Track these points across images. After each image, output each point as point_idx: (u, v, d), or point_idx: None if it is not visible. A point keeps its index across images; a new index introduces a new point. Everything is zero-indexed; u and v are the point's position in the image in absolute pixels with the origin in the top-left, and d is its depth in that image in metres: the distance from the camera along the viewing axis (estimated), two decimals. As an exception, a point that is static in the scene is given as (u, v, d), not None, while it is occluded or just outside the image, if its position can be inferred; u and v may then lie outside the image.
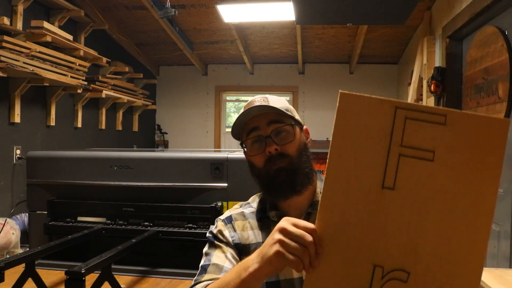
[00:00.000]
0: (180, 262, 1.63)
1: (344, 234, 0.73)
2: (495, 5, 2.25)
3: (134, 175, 1.73)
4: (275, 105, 0.98)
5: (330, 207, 0.74)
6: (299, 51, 4.79)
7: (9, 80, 2.91)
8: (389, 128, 0.72)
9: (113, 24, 4.20)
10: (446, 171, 0.70)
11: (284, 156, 0.96)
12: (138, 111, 5.01)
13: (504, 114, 2.18)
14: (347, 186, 0.73)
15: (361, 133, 0.73)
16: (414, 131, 0.71)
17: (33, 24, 2.93)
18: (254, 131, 0.99)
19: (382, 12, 2.76)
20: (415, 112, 0.71)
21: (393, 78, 5.24)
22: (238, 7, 3.50)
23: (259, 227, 1.02)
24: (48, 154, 1.91)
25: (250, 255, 0.87)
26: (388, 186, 0.71)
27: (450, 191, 0.69)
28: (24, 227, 2.77)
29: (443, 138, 0.70)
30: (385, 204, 0.71)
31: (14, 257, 1.30)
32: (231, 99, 5.96)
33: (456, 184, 0.69)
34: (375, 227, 0.72)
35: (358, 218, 0.72)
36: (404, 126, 0.72)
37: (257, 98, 1.02)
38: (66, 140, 3.69)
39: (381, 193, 0.71)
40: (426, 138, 0.71)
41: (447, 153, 0.70)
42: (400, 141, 0.72)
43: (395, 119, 0.72)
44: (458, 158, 0.69)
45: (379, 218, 0.71)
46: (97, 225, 1.71)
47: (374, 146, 0.73)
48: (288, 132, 0.98)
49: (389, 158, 0.72)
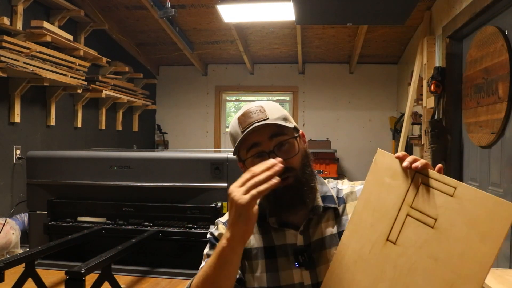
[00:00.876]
0: (180, 262, 1.63)
1: (356, 266, 0.84)
2: (495, 5, 2.24)
3: (134, 175, 1.73)
4: (273, 116, 0.94)
5: (351, 238, 0.87)
6: (299, 51, 4.79)
7: (9, 80, 2.91)
8: (405, 189, 0.82)
9: (113, 24, 4.20)
10: (442, 240, 0.74)
11: (288, 170, 0.92)
12: (138, 111, 5.01)
13: (504, 114, 2.18)
14: (364, 229, 0.85)
15: (384, 188, 0.85)
16: (425, 197, 0.79)
17: (33, 24, 2.93)
18: (255, 147, 0.94)
19: (382, 12, 2.76)
20: (430, 179, 0.79)
21: (393, 78, 5.24)
22: (238, 7, 3.50)
23: (259, 232, 1.01)
24: (48, 154, 1.91)
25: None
26: (391, 240, 0.81)
27: (441, 260, 0.73)
28: (24, 227, 2.77)
29: (448, 208, 0.75)
30: (385, 254, 0.81)
31: (14, 257, 1.30)
32: (231, 99, 5.96)
33: (448, 254, 0.73)
34: (376, 270, 0.81)
35: (367, 257, 0.83)
36: (417, 189, 0.80)
37: (252, 109, 0.96)
38: (66, 140, 3.69)
39: (385, 244, 0.81)
40: (433, 205, 0.77)
41: (447, 224, 0.74)
42: (411, 202, 0.80)
43: (412, 182, 0.81)
44: (457, 230, 0.73)
45: (378, 264, 0.81)
46: (97, 225, 1.71)
47: (390, 201, 0.83)
48: (291, 144, 0.95)
49: (398, 215, 0.81)
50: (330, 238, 0.97)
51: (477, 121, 2.57)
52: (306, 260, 0.95)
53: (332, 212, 0.99)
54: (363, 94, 5.25)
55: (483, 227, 0.69)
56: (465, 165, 2.86)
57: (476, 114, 2.58)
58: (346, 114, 5.29)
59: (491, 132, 2.34)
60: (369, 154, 4.73)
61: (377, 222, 0.84)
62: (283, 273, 0.96)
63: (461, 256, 0.70)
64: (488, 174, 2.47)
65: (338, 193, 1.04)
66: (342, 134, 5.25)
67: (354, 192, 1.03)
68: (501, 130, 2.25)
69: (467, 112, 2.76)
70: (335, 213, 1.00)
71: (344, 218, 1.00)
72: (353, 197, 1.02)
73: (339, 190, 1.05)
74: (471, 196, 0.73)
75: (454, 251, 0.72)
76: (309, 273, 0.95)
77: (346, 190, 1.05)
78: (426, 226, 0.77)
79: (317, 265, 0.95)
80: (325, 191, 1.01)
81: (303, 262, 0.95)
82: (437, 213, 0.76)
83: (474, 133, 2.61)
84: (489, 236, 0.68)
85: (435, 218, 0.76)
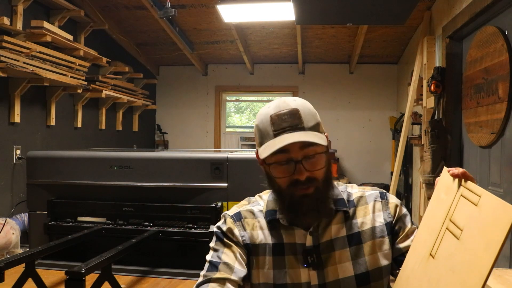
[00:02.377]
0: (180, 262, 1.63)
1: (408, 282, 0.86)
2: (495, 5, 2.24)
3: (134, 175, 1.73)
4: (308, 124, 0.92)
5: (411, 255, 0.89)
6: (299, 51, 4.79)
7: (9, 80, 2.91)
8: (451, 202, 0.81)
9: (113, 24, 4.20)
10: (461, 251, 0.73)
11: (311, 180, 0.91)
12: (138, 111, 5.01)
13: (504, 114, 2.18)
14: (420, 245, 0.86)
15: (439, 204, 0.86)
16: (460, 208, 0.78)
17: (33, 24, 2.93)
18: (283, 153, 0.90)
19: (382, 12, 2.76)
20: (467, 191, 0.78)
21: (393, 78, 5.24)
22: (238, 7, 3.50)
23: (268, 228, 1.00)
24: (48, 154, 1.91)
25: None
26: (432, 254, 0.81)
27: (456, 272, 0.72)
28: (24, 227, 2.77)
29: (472, 218, 0.73)
30: (425, 268, 0.81)
31: (14, 257, 1.29)
32: (231, 99, 5.96)
33: (461, 265, 0.71)
34: (417, 284, 0.82)
35: (416, 273, 0.84)
36: (458, 202, 0.79)
37: (286, 111, 0.92)
38: (66, 140, 3.69)
39: (428, 259, 0.81)
40: (463, 216, 0.76)
41: (468, 234, 0.73)
42: (451, 215, 0.79)
43: (456, 195, 0.80)
44: (473, 240, 0.71)
45: (420, 278, 0.82)
46: (97, 225, 1.71)
47: (439, 216, 0.83)
48: (319, 157, 0.93)
49: (441, 229, 0.81)
50: (339, 241, 0.97)
51: (477, 121, 2.57)
52: (315, 261, 0.95)
53: (342, 215, 0.99)
54: (363, 94, 5.25)
55: (489, 234, 0.67)
56: (465, 165, 2.86)
57: (476, 114, 2.58)
58: (346, 114, 5.29)
59: (491, 132, 2.34)
60: (369, 154, 4.77)
61: (428, 237, 0.83)
62: (291, 271, 0.96)
63: (468, 266, 0.68)
64: (488, 174, 2.47)
65: (349, 197, 1.03)
66: (342, 134, 5.25)
67: (364, 197, 1.03)
68: (501, 130, 2.25)
69: (467, 112, 2.76)
70: (345, 216, 0.99)
71: (354, 221, 0.99)
72: (363, 201, 1.02)
73: (349, 194, 1.04)
74: (489, 204, 0.70)
75: (465, 262, 0.70)
76: (316, 274, 0.95)
77: (356, 194, 1.04)
78: (455, 238, 0.75)
79: (325, 266, 0.95)
80: (336, 194, 1.01)
81: (311, 262, 0.95)
82: (464, 224, 0.74)
83: (474, 133, 2.61)
84: (491, 243, 0.65)
85: (462, 229, 0.74)
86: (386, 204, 1.02)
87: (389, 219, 0.99)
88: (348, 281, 0.94)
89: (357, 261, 0.96)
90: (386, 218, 0.99)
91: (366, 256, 0.96)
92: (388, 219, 0.99)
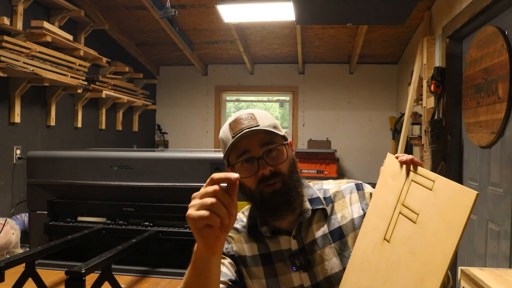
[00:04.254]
0: (180, 262, 1.62)
1: (361, 266, 0.86)
2: (495, 5, 2.25)
3: (134, 175, 1.73)
4: (264, 124, 0.96)
5: (361, 240, 0.90)
6: (299, 51, 4.79)
7: (9, 80, 2.91)
8: (401, 187, 0.83)
9: (113, 24, 4.20)
10: (420, 235, 0.74)
11: (276, 175, 0.95)
12: (138, 111, 5.01)
13: (504, 114, 2.18)
14: (371, 231, 0.88)
15: (387, 189, 0.88)
16: (412, 193, 0.80)
17: (33, 24, 2.93)
18: (245, 154, 0.96)
19: (382, 12, 2.76)
20: (417, 175, 0.80)
21: (393, 78, 5.24)
22: (238, 7, 3.50)
23: (253, 241, 1.03)
24: (48, 154, 1.90)
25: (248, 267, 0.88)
26: (387, 239, 0.82)
27: (418, 254, 0.73)
28: (24, 227, 2.77)
29: (427, 202, 0.75)
30: (381, 253, 0.82)
31: (14, 257, 1.29)
32: (231, 99, 5.96)
33: (422, 248, 0.72)
34: (373, 268, 0.83)
35: (369, 257, 0.85)
36: (409, 187, 0.81)
37: (243, 116, 0.98)
38: (66, 140, 3.69)
39: (382, 243, 0.82)
40: (417, 201, 0.78)
41: (425, 218, 0.74)
42: (403, 200, 0.81)
43: (406, 181, 0.83)
44: (432, 223, 0.72)
45: (376, 263, 0.83)
46: (97, 225, 1.71)
47: (389, 201, 0.85)
48: (280, 152, 0.97)
49: (393, 214, 0.82)
50: (322, 238, 0.99)
51: (477, 121, 2.57)
52: (303, 263, 0.96)
53: (321, 213, 1.01)
54: (363, 94, 5.25)
55: (449, 217, 0.68)
56: (465, 165, 2.86)
57: (476, 114, 2.58)
58: (346, 114, 5.29)
59: (491, 132, 2.34)
60: (369, 154, 4.77)
61: (380, 222, 0.85)
62: (282, 278, 0.98)
63: (431, 248, 0.70)
64: (488, 174, 2.47)
65: (325, 193, 1.06)
66: (342, 134, 5.25)
67: (341, 191, 1.05)
68: (501, 130, 2.25)
69: (467, 112, 2.76)
70: (324, 213, 1.01)
71: (333, 217, 1.01)
72: (340, 196, 1.04)
73: (325, 191, 1.06)
74: (444, 188, 0.72)
75: (427, 244, 0.71)
76: (307, 275, 0.97)
77: (332, 189, 1.06)
78: (411, 222, 0.77)
79: (314, 266, 0.97)
80: (311, 194, 1.04)
81: (300, 265, 0.96)
82: (419, 208, 0.76)
83: (474, 133, 2.61)
84: (453, 225, 0.67)
85: (417, 213, 0.76)
86: (363, 195, 1.04)
87: (367, 209, 1.01)
88: (338, 276, 0.95)
89: (343, 254, 0.97)
90: (364, 208, 1.02)
91: (351, 248, 0.97)
92: (366, 209, 1.01)
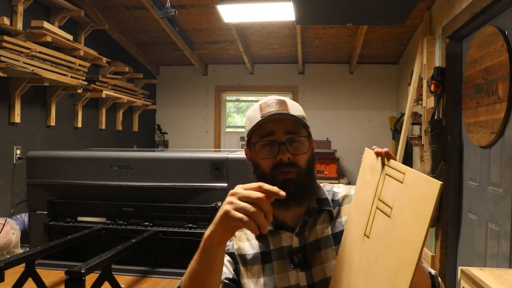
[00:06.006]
0: (180, 262, 1.62)
1: (346, 263, 0.86)
2: (495, 5, 2.25)
3: (134, 175, 1.73)
4: (294, 112, 0.96)
5: (346, 238, 0.90)
6: (299, 51, 4.79)
7: (9, 80, 2.91)
8: (377, 182, 0.82)
9: (113, 24, 4.20)
10: (394, 228, 0.73)
11: (293, 165, 0.94)
12: (138, 111, 5.01)
13: (504, 114, 2.18)
14: (353, 227, 0.87)
15: (366, 184, 0.87)
16: (386, 187, 0.79)
17: (33, 24, 2.93)
18: (269, 135, 0.96)
19: (382, 12, 2.76)
20: (389, 169, 0.80)
21: (393, 78, 5.24)
22: (238, 7, 3.50)
23: (255, 238, 1.02)
24: (48, 154, 1.91)
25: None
26: (366, 234, 0.82)
27: (392, 248, 0.72)
28: (24, 227, 2.77)
29: (399, 195, 0.74)
30: (362, 249, 0.82)
31: (14, 257, 1.30)
32: (231, 99, 5.96)
33: (396, 241, 0.72)
34: (356, 264, 0.83)
35: (353, 254, 0.85)
36: (384, 181, 0.80)
37: (275, 100, 0.98)
38: (66, 140, 3.69)
39: (363, 239, 0.82)
40: (391, 194, 0.77)
41: (398, 211, 0.74)
42: (379, 194, 0.81)
43: (381, 174, 0.82)
44: (403, 216, 0.72)
45: (358, 259, 0.82)
46: (97, 225, 1.71)
47: (368, 197, 0.84)
48: (302, 143, 0.97)
49: (371, 209, 0.82)
50: (325, 240, 0.98)
51: (477, 121, 2.57)
52: (301, 261, 0.96)
53: (327, 215, 1.01)
54: (363, 94, 5.25)
55: (418, 209, 0.67)
56: (465, 165, 2.86)
57: (476, 114, 2.58)
58: (346, 114, 5.29)
59: (491, 132, 2.34)
60: (369, 154, 4.65)
61: (360, 218, 0.85)
62: (279, 276, 0.97)
63: (403, 242, 0.69)
64: (488, 174, 2.47)
65: (334, 196, 1.05)
66: (342, 134, 5.25)
67: (350, 196, 1.05)
68: (501, 130, 2.25)
69: (467, 112, 2.76)
70: (330, 215, 1.01)
71: (338, 220, 1.01)
72: (348, 200, 1.04)
73: (334, 193, 1.06)
74: (413, 180, 0.71)
75: (400, 238, 0.70)
76: (304, 274, 0.96)
77: (342, 193, 1.06)
78: (386, 216, 0.76)
79: (312, 266, 0.96)
80: (320, 194, 1.03)
81: (298, 262, 0.96)
82: (393, 202, 0.75)
83: (474, 133, 2.61)
84: (421, 217, 0.66)
85: (391, 207, 0.75)
86: None
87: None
88: None
89: None
90: None
91: None
92: None
